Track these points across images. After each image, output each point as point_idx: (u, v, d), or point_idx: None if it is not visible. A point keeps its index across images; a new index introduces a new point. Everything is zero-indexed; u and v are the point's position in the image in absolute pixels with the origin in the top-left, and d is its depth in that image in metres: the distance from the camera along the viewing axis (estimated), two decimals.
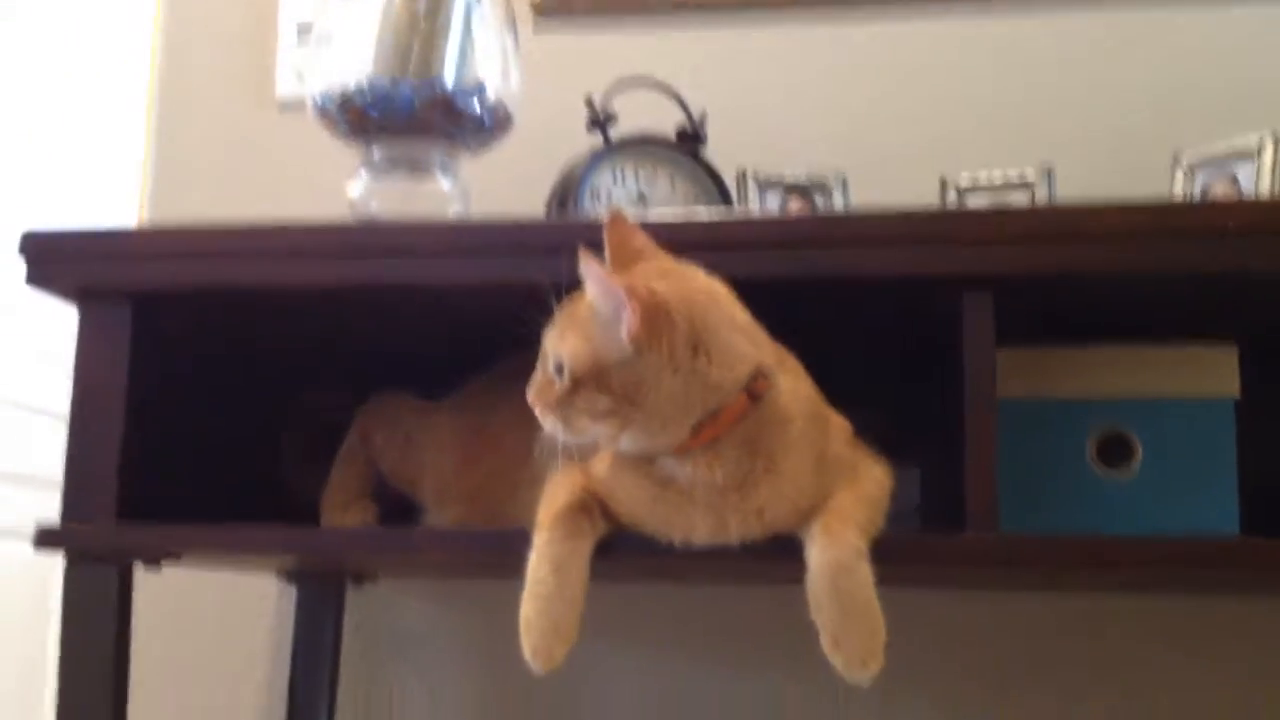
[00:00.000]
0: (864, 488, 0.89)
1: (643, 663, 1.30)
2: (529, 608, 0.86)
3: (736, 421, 0.84)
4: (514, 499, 1.02)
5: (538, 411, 0.85)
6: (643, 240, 0.88)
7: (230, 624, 1.38)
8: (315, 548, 1.02)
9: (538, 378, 0.86)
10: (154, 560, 1.01)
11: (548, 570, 0.86)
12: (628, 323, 0.81)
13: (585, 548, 0.88)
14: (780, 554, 0.85)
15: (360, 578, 1.35)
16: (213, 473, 1.12)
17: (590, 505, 0.89)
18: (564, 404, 0.84)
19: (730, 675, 1.29)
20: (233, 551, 1.01)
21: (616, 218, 0.88)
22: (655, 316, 0.82)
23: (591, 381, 0.83)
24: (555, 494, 0.91)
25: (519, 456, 1.01)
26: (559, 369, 0.84)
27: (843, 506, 0.87)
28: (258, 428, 1.19)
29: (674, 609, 1.30)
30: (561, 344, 0.84)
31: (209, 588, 1.38)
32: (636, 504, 0.88)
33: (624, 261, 0.87)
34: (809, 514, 0.87)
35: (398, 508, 1.16)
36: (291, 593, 1.34)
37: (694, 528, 0.86)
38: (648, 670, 1.29)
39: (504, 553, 0.93)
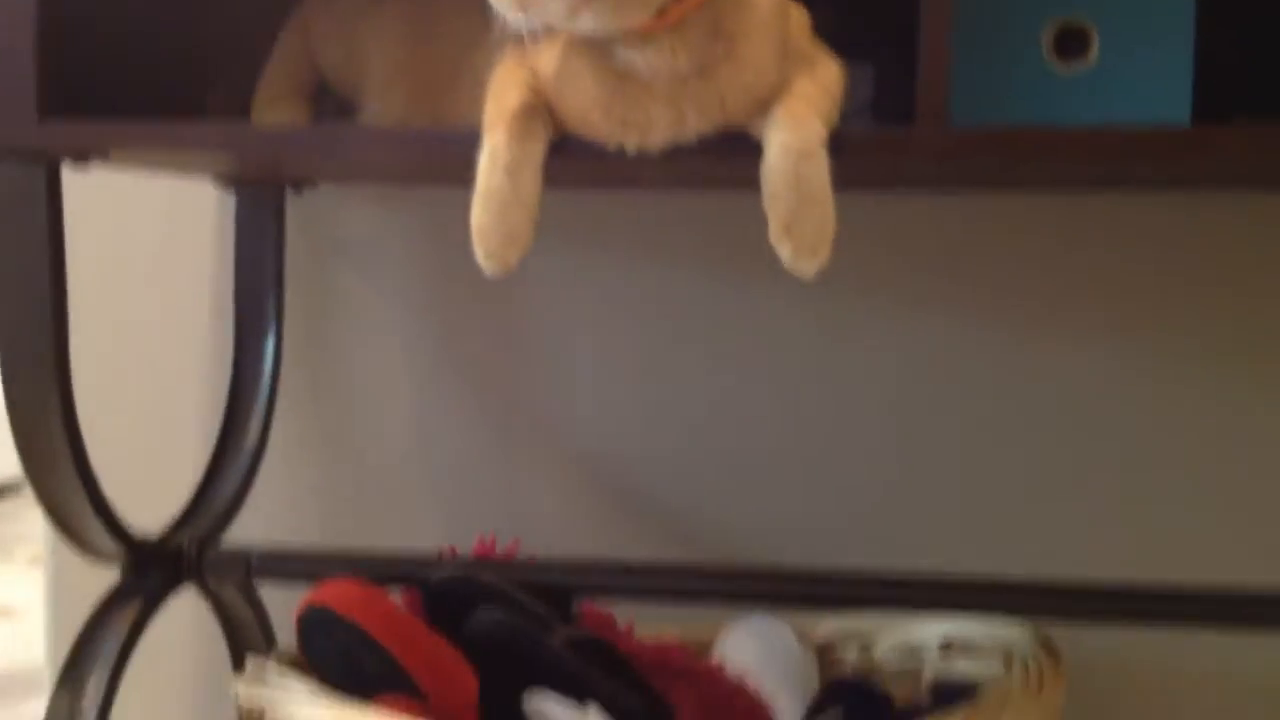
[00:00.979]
0: (823, 78, 0.86)
1: (591, 268, 1.30)
2: (481, 213, 0.83)
3: (702, 2, 0.80)
4: (458, 93, 0.98)
5: None
6: None
7: (171, 233, 1.36)
8: (244, 144, 0.98)
9: None
10: (81, 158, 0.98)
11: (501, 174, 0.83)
12: None
13: (539, 150, 0.84)
14: (738, 150, 0.83)
15: (299, 184, 1.33)
16: (144, 78, 1.06)
17: (541, 106, 0.85)
18: None
19: (683, 281, 1.29)
20: (160, 147, 0.97)
21: None
22: None
23: None
24: (503, 93, 0.86)
25: (465, 47, 0.96)
26: None
27: (805, 93, 0.84)
28: (193, 37, 1.13)
29: (627, 214, 1.30)
30: None
31: (147, 198, 1.35)
32: (589, 101, 0.84)
33: None
34: (767, 106, 0.84)
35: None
36: (230, 201, 1.32)
37: (651, 123, 0.83)
38: (596, 275, 1.30)
39: (446, 153, 0.90)
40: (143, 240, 1.36)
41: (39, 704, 1.20)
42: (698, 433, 1.28)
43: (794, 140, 0.81)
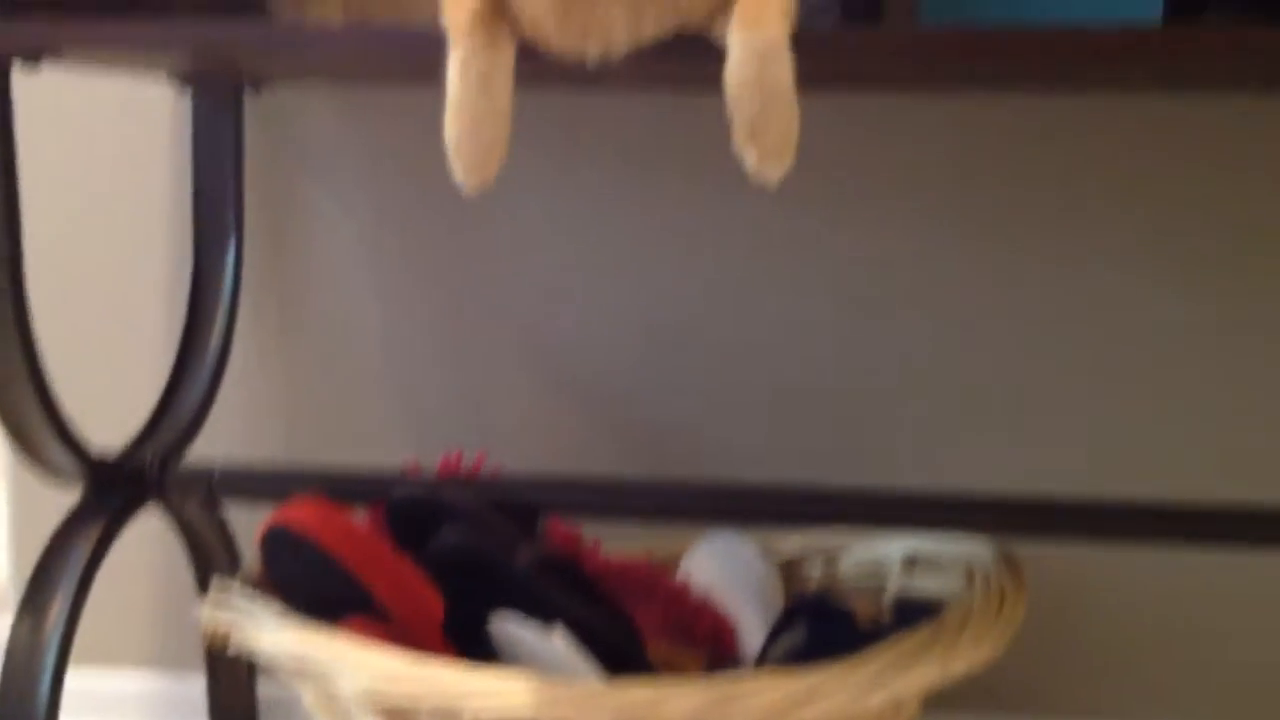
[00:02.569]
0: None
1: (557, 171, 1.27)
2: (456, 127, 0.79)
3: None
4: None
5: None
6: None
7: (125, 136, 1.31)
8: (203, 44, 0.93)
9: None
10: (33, 58, 0.93)
11: (473, 84, 0.79)
12: None
13: (508, 56, 0.80)
14: (700, 53, 0.79)
15: (258, 82, 1.29)
16: None
17: (502, 5, 0.81)
18: None
19: (651, 184, 1.27)
20: (116, 47, 0.94)
21: None
22: None
23: None
24: None
25: None
26: None
27: None
28: None
29: (593, 114, 1.26)
30: None
31: (100, 98, 1.31)
32: (543, 7, 0.81)
33: None
34: (723, 4, 0.80)
35: None
36: (186, 101, 1.28)
37: (611, 27, 0.79)
38: (563, 179, 1.27)
39: (407, 52, 0.88)
40: (96, 143, 1.32)
41: (3, 623, 1.20)
42: (666, 346, 1.26)
43: (756, 41, 0.78)
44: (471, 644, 0.94)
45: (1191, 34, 0.85)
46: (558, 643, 0.90)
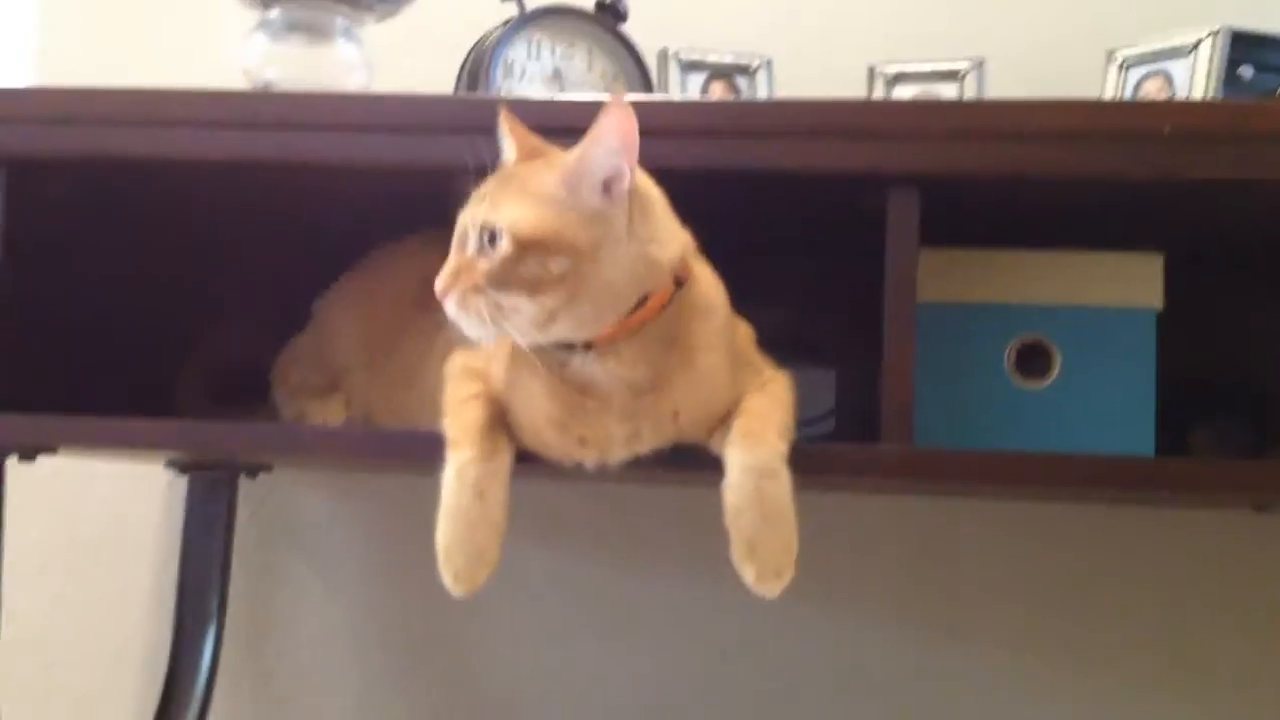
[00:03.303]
0: (776, 391, 0.86)
1: (545, 560, 1.26)
2: (449, 534, 0.80)
3: (662, 309, 0.80)
4: (423, 386, 0.96)
5: (453, 299, 0.78)
6: (536, 140, 0.83)
7: (117, 514, 1.32)
8: (199, 444, 0.96)
9: (452, 263, 0.79)
10: (28, 455, 0.95)
11: (469, 493, 0.80)
12: (622, 181, 0.77)
13: (506, 465, 0.82)
14: (697, 465, 0.82)
15: (253, 469, 1.30)
16: (98, 367, 1.05)
17: (500, 415, 0.84)
18: (499, 278, 0.76)
19: (636, 576, 1.26)
20: (110, 446, 0.96)
21: (507, 114, 0.83)
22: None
23: (542, 245, 0.76)
24: (462, 404, 0.84)
25: (425, 346, 0.95)
26: (491, 239, 0.77)
27: (761, 409, 0.83)
28: (151, 325, 1.12)
29: (580, 506, 1.27)
30: (497, 212, 0.77)
31: (94, 477, 1.31)
32: (543, 418, 0.82)
33: (525, 154, 0.82)
34: (720, 418, 0.83)
35: None
36: (181, 482, 1.28)
37: (609, 440, 0.81)
38: (546, 575, 1.26)
39: (402, 455, 0.91)
40: (85, 518, 1.32)
41: None
42: None
43: (755, 461, 0.80)
44: None
45: (1177, 466, 0.90)
46: None
